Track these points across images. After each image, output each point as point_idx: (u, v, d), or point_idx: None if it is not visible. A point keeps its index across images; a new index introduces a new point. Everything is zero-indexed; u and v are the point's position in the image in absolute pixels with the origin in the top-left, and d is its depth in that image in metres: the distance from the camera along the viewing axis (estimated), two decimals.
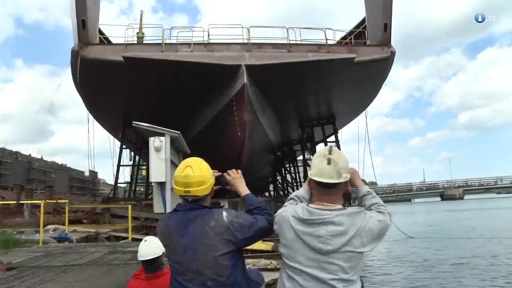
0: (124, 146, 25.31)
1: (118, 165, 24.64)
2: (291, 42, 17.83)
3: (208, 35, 17.22)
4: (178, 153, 10.77)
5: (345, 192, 2.12)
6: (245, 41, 17.06)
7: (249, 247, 7.86)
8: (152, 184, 10.16)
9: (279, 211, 2.09)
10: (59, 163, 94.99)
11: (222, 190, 2.45)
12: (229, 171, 2.40)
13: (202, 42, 16.93)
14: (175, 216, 2.20)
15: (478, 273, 12.64)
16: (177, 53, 15.68)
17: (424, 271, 13.58)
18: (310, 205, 1.99)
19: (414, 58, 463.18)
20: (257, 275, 2.49)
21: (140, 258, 3.45)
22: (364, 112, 27.10)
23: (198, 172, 2.16)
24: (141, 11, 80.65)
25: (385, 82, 22.43)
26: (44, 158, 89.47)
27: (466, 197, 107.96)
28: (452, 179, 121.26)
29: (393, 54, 18.07)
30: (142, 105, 19.40)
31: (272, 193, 43.58)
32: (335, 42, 19.62)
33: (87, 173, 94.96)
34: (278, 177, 40.33)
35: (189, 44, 16.29)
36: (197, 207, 2.16)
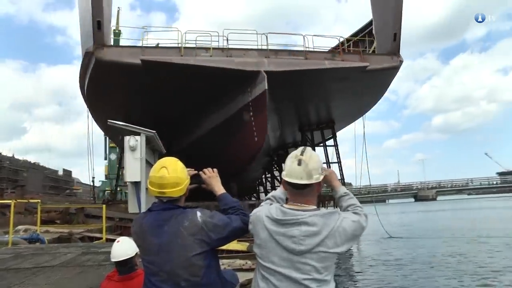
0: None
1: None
2: (307, 49, 18.13)
3: (227, 40, 17.38)
4: (154, 153, 10.64)
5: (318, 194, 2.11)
6: (259, 46, 17.32)
7: (224, 247, 7.84)
8: (127, 183, 10.01)
9: (254, 211, 2.08)
10: (32, 162, 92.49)
11: (198, 189, 2.40)
12: (205, 170, 2.37)
13: (221, 47, 17.05)
14: (149, 216, 2.17)
15: (450, 272, 13.00)
16: (197, 58, 15.81)
17: (398, 270, 13.85)
18: (284, 205, 1.98)
19: None
20: (232, 276, 2.47)
21: (112, 259, 3.38)
22: (362, 117, 27.76)
23: (173, 173, 2.14)
24: (118, 8, 79.03)
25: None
26: (16, 157, 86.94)
27: (438, 198, 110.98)
28: (426, 181, 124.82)
29: (401, 63, 18.56)
30: (150, 107, 19.28)
31: (262, 194, 43.57)
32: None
33: (61, 172, 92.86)
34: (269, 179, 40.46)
35: (207, 49, 16.39)
36: (172, 207, 2.14)
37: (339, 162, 28.28)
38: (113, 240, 3.54)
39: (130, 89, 16.99)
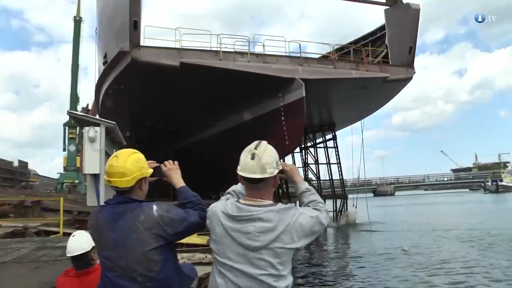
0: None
1: None
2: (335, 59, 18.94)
3: (264, 46, 17.73)
4: (114, 144, 10.40)
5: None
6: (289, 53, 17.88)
7: (184, 241, 7.78)
8: (86, 176, 9.73)
9: (211, 206, 2.07)
10: None
11: (159, 181, 2.38)
12: (165, 162, 2.35)
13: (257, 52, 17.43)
14: (105, 210, 2.14)
15: (404, 263, 13.57)
16: (236, 63, 15.92)
17: (356, 262, 14.29)
18: (240, 200, 1.97)
19: None
20: (190, 270, 2.46)
21: (68, 254, 3.29)
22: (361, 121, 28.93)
23: (121, 163, 2.10)
24: None
25: None
26: None
27: (396, 193, 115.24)
28: (385, 176, 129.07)
29: (413, 74, 19.56)
30: (180, 106, 19.08)
31: None
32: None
33: (16, 164, 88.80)
34: None
35: (244, 54, 16.60)
36: (127, 200, 2.11)
37: (338, 163, 30.45)
38: (71, 234, 3.43)
39: (163, 90, 16.88)
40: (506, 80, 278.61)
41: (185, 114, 19.10)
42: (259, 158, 1.90)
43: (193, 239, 8.60)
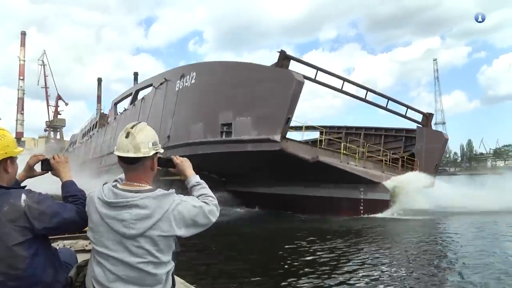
0: None
1: None
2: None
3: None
4: None
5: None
6: None
7: None
8: None
9: (89, 192, 1.96)
10: None
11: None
12: (54, 155, 2.23)
13: None
14: None
15: None
16: (346, 164, 17.19)
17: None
18: (117, 185, 1.88)
19: (248, 49, 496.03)
20: (69, 255, 2.31)
21: None
22: None
23: None
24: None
25: None
26: None
27: None
28: None
29: None
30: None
31: None
32: None
33: None
34: None
35: (354, 158, 18.14)
36: None
37: None
38: None
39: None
40: (386, 81, 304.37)
41: (254, 177, 19.84)
42: (133, 137, 1.84)
43: None
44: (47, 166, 2.21)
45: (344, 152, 17.87)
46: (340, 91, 18.17)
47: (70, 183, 2.13)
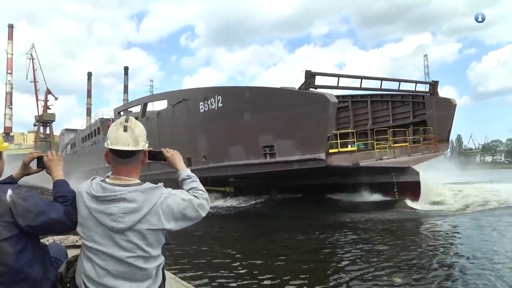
0: None
1: None
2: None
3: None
4: None
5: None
6: None
7: None
8: None
9: (78, 186, 1.94)
10: None
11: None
12: (48, 152, 2.19)
13: None
14: None
15: None
16: (374, 161, 18.73)
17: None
18: (106, 179, 1.87)
19: (240, 44, 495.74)
20: (59, 250, 2.27)
21: None
22: None
23: None
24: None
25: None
26: None
27: None
28: None
29: None
30: None
31: None
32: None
33: None
34: None
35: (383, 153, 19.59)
36: None
37: None
38: None
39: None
40: (377, 76, 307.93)
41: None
42: (132, 130, 1.85)
43: None
44: (43, 163, 2.16)
45: (378, 148, 19.73)
46: (360, 89, 19.51)
47: (61, 183, 2.07)
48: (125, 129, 1.86)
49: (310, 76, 16.82)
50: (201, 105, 21.01)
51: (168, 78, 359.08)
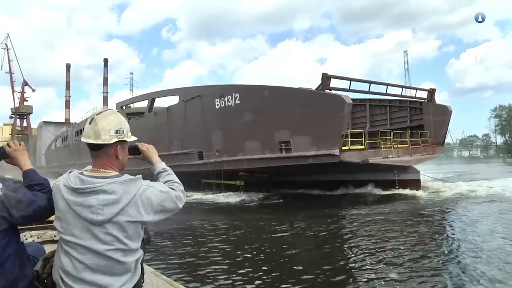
0: None
1: None
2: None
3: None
4: None
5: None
6: None
7: None
8: None
9: (55, 180, 1.91)
10: None
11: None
12: (9, 142, 2.16)
13: None
14: None
15: None
16: (380, 159, 20.29)
17: None
18: (84, 172, 1.87)
19: (221, 37, 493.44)
20: (36, 249, 2.26)
21: None
22: None
23: None
24: None
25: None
26: None
27: None
28: None
29: None
30: None
31: None
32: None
33: None
34: None
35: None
36: None
37: None
38: None
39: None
40: (358, 72, 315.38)
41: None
42: (95, 123, 1.85)
43: None
44: (3, 154, 2.12)
45: (384, 147, 21.48)
46: (368, 92, 21.20)
47: (32, 171, 2.09)
48: (90, 122, 1.87)
49: (326, 78, 18.34)
50: (217, 101, 22.15)
51: (149, 71, 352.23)
